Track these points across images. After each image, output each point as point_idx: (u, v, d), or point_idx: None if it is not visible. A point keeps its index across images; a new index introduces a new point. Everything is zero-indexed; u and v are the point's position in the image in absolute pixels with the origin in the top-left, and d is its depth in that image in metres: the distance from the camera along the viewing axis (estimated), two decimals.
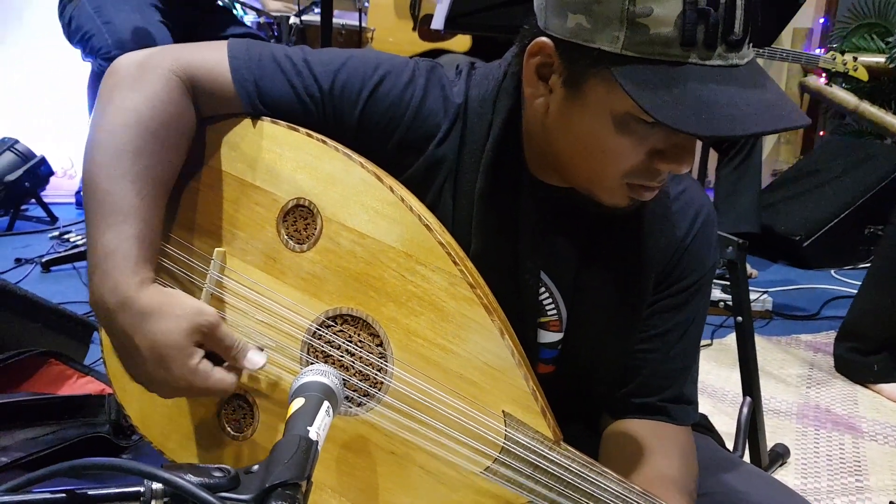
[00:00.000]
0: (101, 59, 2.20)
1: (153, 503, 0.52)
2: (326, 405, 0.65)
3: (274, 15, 3.22)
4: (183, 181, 0.85)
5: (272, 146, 0.84)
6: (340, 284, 0.81)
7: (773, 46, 2.71)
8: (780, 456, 1.74)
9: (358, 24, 3.04)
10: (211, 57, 0.84)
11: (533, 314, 0.90)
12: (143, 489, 0.52)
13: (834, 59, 2.92)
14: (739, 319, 1.59)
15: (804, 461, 1.78)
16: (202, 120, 0.85)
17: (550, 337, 0.92)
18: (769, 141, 5.08)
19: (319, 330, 0.82)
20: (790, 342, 2.52)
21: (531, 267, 0.87)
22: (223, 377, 0.76)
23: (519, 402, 0.77)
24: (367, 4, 3.31)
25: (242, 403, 0.85)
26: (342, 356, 0.81)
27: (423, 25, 3.33)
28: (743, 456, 1.58)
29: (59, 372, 1.36)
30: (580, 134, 0.76)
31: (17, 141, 3.01)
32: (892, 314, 2.13)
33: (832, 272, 3.32)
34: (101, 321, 0.77)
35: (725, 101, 0.67)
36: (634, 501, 0.77)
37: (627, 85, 0.68)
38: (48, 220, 3.07)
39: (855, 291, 2.31)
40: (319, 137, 0.83)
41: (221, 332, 0.76)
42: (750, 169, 3.01)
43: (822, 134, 5.00)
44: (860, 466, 1.77)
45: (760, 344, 2.27)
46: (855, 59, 2.95)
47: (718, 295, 2.59)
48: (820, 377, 2.26)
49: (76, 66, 2.73)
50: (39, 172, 3.02)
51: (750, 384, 1.61)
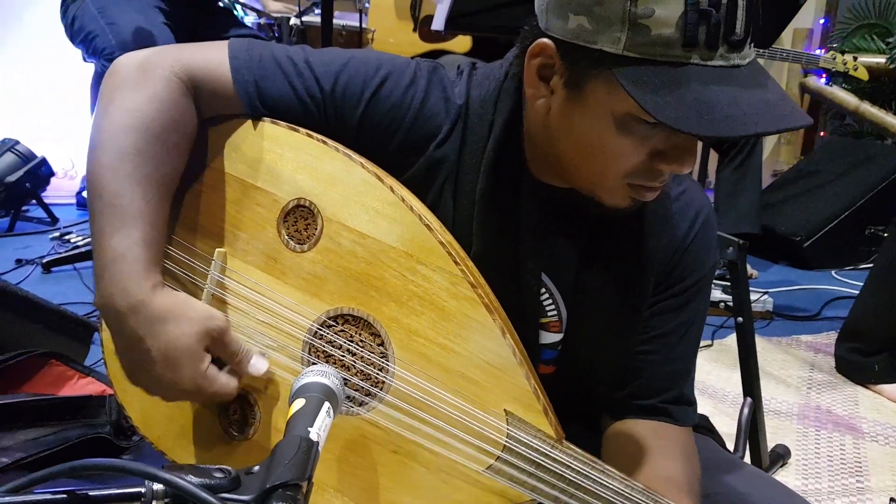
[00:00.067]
0: (104, 59, 2.20)
1: None
2: (327, 406, 0.65)
3: (274, 16, 3.22)
4: (185, 182, 0.85)
5: (273, 147, 0.84)
6: (341, 284, 0.81)
7: (773, 47, 2.71)
8: (780, 457, 1.74)
9: (358, 24, 3.05)
10: (212, 57, 0.84)
11: (534, 315, 0.90)
12: (143, 490, 0.53)
13: (834, 58, 2.92)
14: (740, 320, 1.59)
15: (805, 462, 1.78)
16: (204, 121, 0.85)
17: (550, 338, 0.92)
18: (769, 141, 5.08)
19: (321, 330, 0.82)
20: (791, 343, 2.52)
21: (532, 268, 0.87)
22: (227, 382, 0.78)
23: (521, 400, 0.77)
24: (367, 5, 3.31)
25: (244, 404, 0.85)
26: (343, 356, 0.81)
27: (423, 26, 3.33)
28: (743, 457, 1.58)
29: (59, 373, 1.36)
30: (581, 134, 0.76)
31: (17, 142, 3.01)
32: (894, 315, 2.13)
33: (833, 273, 3.31)
34: (109, 324, 0.77)
35: (727, 101, 0.67)
36: (637, 498, 0.77)
37: (629, 85, 0.68)
38: (49, 220, 3.08)
39: (856, 292, 2.31)
40: (320, 138, 0.83)
41: (229, 337, 0.78)
42: (750, 169, 3.01)
43: (822, 134, 5.00)
44: (861, 467, 1.77)
45: (761, 344, 2.27)
46: (855, 58, 2.95)
47: (719, 295, 2.59)
48: (821, 378, 2.25)
49: (77, 67, 2.73)
50: (40, 173, 3.02)
51: (750, 385, 1.61)
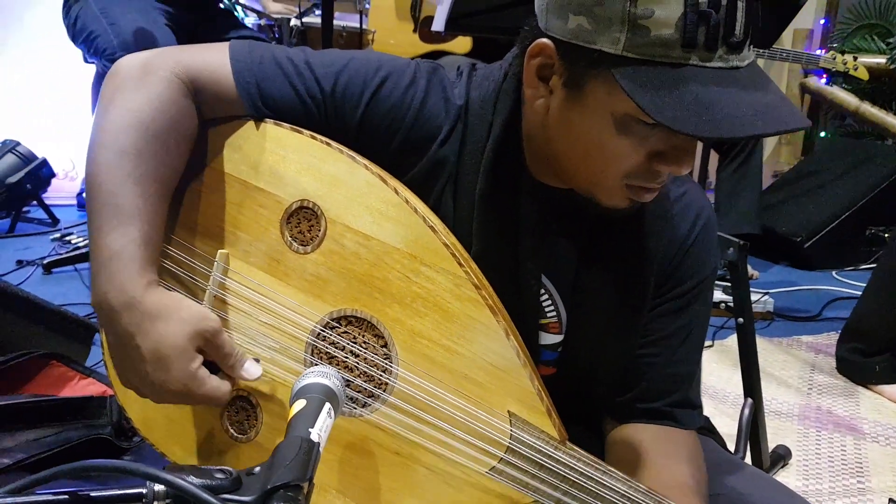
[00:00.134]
0: (105, 59, 2.20)
1: None
2: (328, 407, 0.65)
3: (275, 17, 3.23)
4: (186, 183, 0.85)
5: (276, 148, 0.84)
6: (344, 286, 0.81)
7: (773, 47, 2.71)
8: (781, 457, 1.74)
9: (359, 25, 3.05)
10: (213, 59, 0.84)
11: (533, 316, 0.90)
12: (145, 491, 0.53)
13: (834, 59, 2.92)
14: (741, 321, 1.59)
15: (806, 463, 1.78)
16: (204, 122, 0.85)
17: (550, 339, 0.92)
18: (770, 142, 5.08)
19: (324, 331, 0.82)
20: (791, 343, 2.52)
21: (531, 268, 0.87)
22: (218, 385, 0.76)
23: (524, 402, 0.77)
24: (367, 6, 3.31)
25: (245, 405, 0.85)
26: (346, 357, 0.81)
27: (423, 27, 3.33)
28: (744, 457, 1.58)
29: (60, 374, 1.36)
30: (580, 135, 0.76)
31: (18, 143, 3.01)
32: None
33: (833, 273, 3.31)
34: (102, 321, 0.77)
35: (726, 102, 0.67)
36: (640, 500, 0.77)
37: (628, 86, 0.68)
38: (49, 221, 3.08)
39: (856, 293, 2.31)
40: (323, 139, 0.83)
41: (222, 339, 0.77)
42: (751, 170, 3.01)
43: (822, 135, 5.00)
44: (862, 468, 1.77)
45: (762, 345, 2.27)
46: (855, 58, 2.95)
47: (719, 296, 2.59)
48: (821, 378, 2.25)
49: (78, 68, 2.74)
50: (41, 174, 3.02)
51: (751, 385, 1.61)
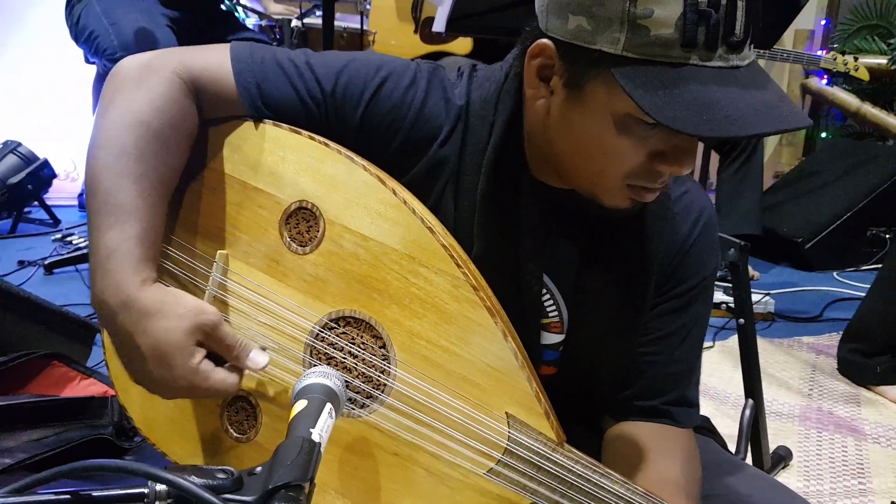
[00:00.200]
0: (106, 59, 2.21)
1: None
2: (329, 407, 0.65)
3: (276, 18, 3.23)
4: (185, 183, 0.85)
5: (275, 149, 0.84)
6: (343, 287, 0.81)
7: (774, 47, 2.71)
8: (782, 458, 1.74)
9: (359, 26, 3.05)
10: (213, 59, 0.84)
11: (535, 316, 0.90)
12: (146, 491, 0.53)
13: (835, 59, 2.92)
14: (741, 321, 1.59)
15: (807, 463, 1.77)
16: (204, 122, 0.86)
17: (552, 338, 0.92)
18: (771, 143, 5.07)
19: (322, 332, 0.82)
20: (792, 344, 2.51)
21: (533, 269, 0.87)
22: (224, 377, 0.75)
23: (522, 403, 0.77)
24: (368, 7, 3.32)
25: (245, 405, 0.85)
26: (345, 358, 0.81)
27: (424, 28, 3.33)
28: (745, 458, 1.58)
29: (62, 374, 1.36)
30: (581, 135, 0.76)
31: (19, 144, 3.01)
32: None
33: (834, 274, 3.30)
34: (102, 321, 0.77)
35: (726, 102, 0.67)
36: (637, 502, 0.77)
37: (628, 86, 0.68)
38: (51, 222, 3.08)
39: (858, 293, 2.31)
40: (322, 140, 0.83)
41: (223, 331, 0.76)
42: (751, 171, 3.01)
43: (823, 136, 5.00)
44: (863, 469, 1.77)
45: (762, 346, 2.27)
46: (856, 59, 2.95)
47: (720, 297, 2.59)
48: (822, 379, 2.25)
49: (79, 68, 2.74)
50: (42, 175, 3.02)
51: (752, 386, 1.61)
